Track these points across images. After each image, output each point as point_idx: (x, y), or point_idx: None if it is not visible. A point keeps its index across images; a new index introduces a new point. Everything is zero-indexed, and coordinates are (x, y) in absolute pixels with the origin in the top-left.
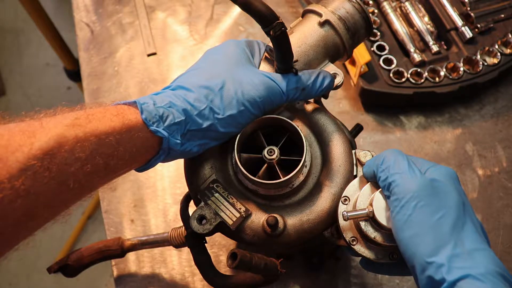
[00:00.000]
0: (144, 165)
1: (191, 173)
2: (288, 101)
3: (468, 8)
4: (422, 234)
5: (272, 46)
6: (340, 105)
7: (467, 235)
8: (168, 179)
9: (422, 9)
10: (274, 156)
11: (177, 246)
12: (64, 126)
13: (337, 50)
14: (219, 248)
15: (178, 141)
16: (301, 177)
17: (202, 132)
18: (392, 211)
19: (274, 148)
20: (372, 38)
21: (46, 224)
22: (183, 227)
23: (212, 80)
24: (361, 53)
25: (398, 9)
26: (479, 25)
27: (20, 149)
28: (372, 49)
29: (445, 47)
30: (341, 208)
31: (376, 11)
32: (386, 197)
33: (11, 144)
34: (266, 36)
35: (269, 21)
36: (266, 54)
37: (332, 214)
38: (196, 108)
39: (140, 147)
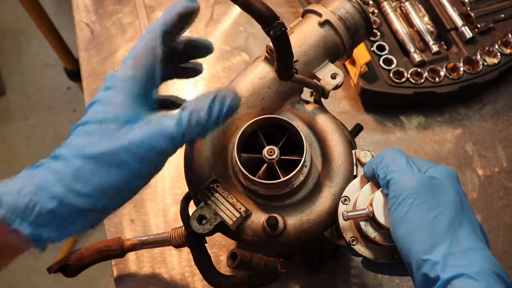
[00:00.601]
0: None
1: (191, 173)
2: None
3: (468, 8)
4: (418, 231)
5: (272, 46)
6: (340, 105)
7: (463, 234)
8: (168, 179)
9: (422, 9)
10: (274, 156)
11: (177, 246)
12: None
13: (337, 50)
14: (219, 248)
15: (54, 230)
16: (301, 177)
17: (82, 215)
18: (389, 208)
19: (274, 148)
20: (372, 38)
21: None
22: (183, 227)
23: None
24: (361, 53)
25: (398, 9)
26: (479, 25)
27: None
28: (372, 49)
29: (445, 47)
30: (341, 208)
31: (376, 11)
32: (386, 195)
33: None
34: (266, 36)
35: (269, 21)
36: (266, 54)
37: (332, 214)
38: (70, 190)
39: (3, 244)
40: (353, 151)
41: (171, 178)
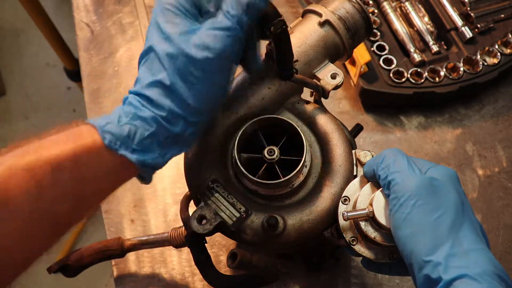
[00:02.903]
0: (143, 181)
1: (191, 173)
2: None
3: (468, 8)
4: (420, 233)
5: (272, 45)
6: (340, 105)
7: (465, 234)
8: (168, 179)
9: (422, 9)
10: (274, 156)
11: (177, 246)
12: (14, 156)
13: (337, 50)
14: (219, 248)
15: (156, 155)
16: (301, 177)
17: (176, 138)
18: (391, 209)
19: (274, 148)
20: (372, 38)
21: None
22: (183, 227)
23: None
24: (361, 53)
25: (398, 9)
26: (479, 25)
27: None
28: (372, 49)
29: (445, 47)
30: (341, 208)
31: (376, 11)
32: (386, 196)
33: None
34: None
35: (270, 18)
36: (266, 54)
37: (332, 214)
38: (162, 108)
39: (109, 169)
40: (353, 151)
41: (171, 178)
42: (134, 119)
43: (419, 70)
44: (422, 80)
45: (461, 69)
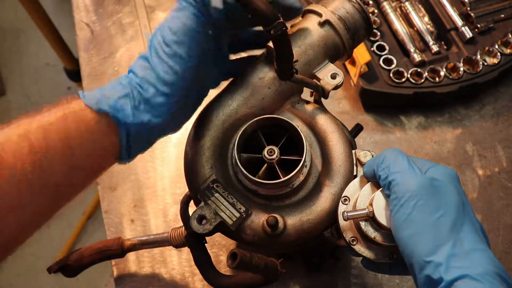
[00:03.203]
0: (121, 155)
1: (191, 173)
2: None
3: (468, 8)
4: (421, 233)
5: (272, 46)
6: (340, 105)
7: (466, 235)
8: (168, 179)
9: (422, 9)
10: (274, 156)
11: (177, 246)
12: (10, 128)
13: (337, 50)
14: (219, 248)
15: (129, 115)
16: (301, 177)
17: (148, 103)
18: (391, 209)
19: (274, 148)
20: (372, 38)
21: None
22: (183, 227)
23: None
24: (361, 53)
25: (398, 9)
26: (479, 25)
27: None
28: (372, 49)
29: (445, 47)
30: (341, 208)
31: (376, 11)
32: (387, 196)
33: None
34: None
35: (270, 21)
36: (266, 54)
37: (332, 214)
38: (137, 75)
39: (93, 130)
40: (353, 151)
41: (171, 178)
42: (114, 86)
43: (419, 70)
44: (422, 80)
45: (461, 69)
